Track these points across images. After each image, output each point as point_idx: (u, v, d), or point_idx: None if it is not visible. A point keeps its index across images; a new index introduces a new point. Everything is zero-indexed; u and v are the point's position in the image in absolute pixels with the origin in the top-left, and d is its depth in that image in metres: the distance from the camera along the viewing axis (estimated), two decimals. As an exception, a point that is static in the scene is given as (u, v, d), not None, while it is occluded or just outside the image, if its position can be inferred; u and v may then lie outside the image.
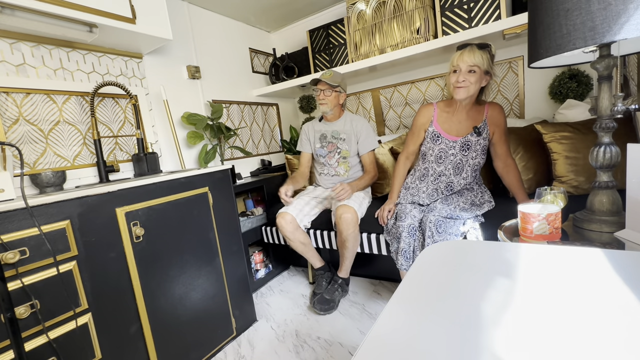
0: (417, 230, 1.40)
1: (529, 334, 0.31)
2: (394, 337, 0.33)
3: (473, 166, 1.46)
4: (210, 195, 1.43)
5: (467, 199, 1.45)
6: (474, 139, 1.43)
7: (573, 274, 0.40)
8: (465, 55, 1.31)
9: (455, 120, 1.47)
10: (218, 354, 1.47)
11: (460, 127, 1.46)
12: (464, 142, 1.44)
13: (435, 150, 1.50)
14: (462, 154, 1.45)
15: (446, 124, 1.48)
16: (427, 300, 0.39)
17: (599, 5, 0.66)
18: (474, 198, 1.47)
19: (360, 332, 1.50)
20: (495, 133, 1.44)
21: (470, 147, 1.44)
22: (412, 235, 1.39)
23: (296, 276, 2.22)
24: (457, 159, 1.46)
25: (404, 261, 1.39)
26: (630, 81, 1.36)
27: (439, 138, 1.48)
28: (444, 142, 1.47)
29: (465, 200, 1.44)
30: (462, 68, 1.32)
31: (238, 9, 2.24)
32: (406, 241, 1.39)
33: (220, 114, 2.01)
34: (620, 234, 0.77)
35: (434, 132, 1.49)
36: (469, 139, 1.43)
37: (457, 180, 1.47)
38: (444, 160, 1.48)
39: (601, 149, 0.82)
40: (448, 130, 1.48)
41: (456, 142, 1.45)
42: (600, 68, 0.79)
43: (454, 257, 0.50)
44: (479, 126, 1.42)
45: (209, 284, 1.41)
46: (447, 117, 1.49)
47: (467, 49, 1.31)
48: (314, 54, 2.31)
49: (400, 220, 1.43)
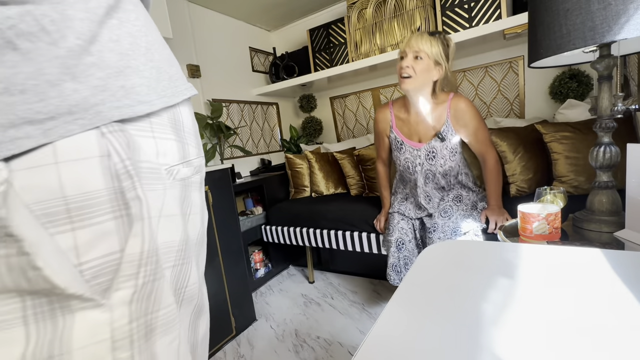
0: (407, 242, 1.36)
1: (529, 334, 0.31)
2: (394, 337, 0.33)
3: (443, 173, 1.33)
4: (210, 195, 1.43)
5: (467, 204, 1.35)
6: (439, 145, 1.28)
7: (573, 274, 0.40)
8: (412, 39, 1.19)
9: (413, 122, 1.33)
10: (217, 353, 1.47)
11: (421, 131, 1.32)
12: (429, 149, 1.30)
13: (402, 160, 1.38)
14: (429, 162, 1.31)
15: (405, 127, 1.35)
16: (427, 300, 0.39)
17: (599, 5, 0.66)
18: (471, 198, 1.37)
19: (360, 332, 1.50)
20: (462, 135, 1.29)
21: (436, 155, 1.30)
22: (401, 250, 1.35)
23: (296, 276, 2.23)
24: (424, 169, 1.33)
25: (395, 275, 1.38)
26: (630, 81, 1.36)
27: (402, 146, 1.36)
28: (408, 150, 1.34)
29: (464, 207, 1.34)
30: (408, 54, 1.20)
31: (238, 7, 2.24)
32: (395, 256, 1.36)
33: (220, 113, 2.01)
34: (619, 234, 0.77)
35: (396, 138, 1.37)
36: (433, 146, 1.29)
37: (431, 189, 1.36)
38: (412, 170, 1.36)
39: (601, 149, 0.82)
40: (409, 135, 1.35)
41: (420, 149, 1.32)
42: (600, 68, 0.79)
43: (454, 257, 0.50)
44: (441, 131, 1.27)
45: (209, 283, 1.41)
46: (405, 120, 1.35)
47: (415, 34, 1.20)
48: (314, 53, 2.31)
49: (388, 233, 1.39)
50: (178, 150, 0.43)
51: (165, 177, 0.41)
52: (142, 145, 0.38)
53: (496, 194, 1.31)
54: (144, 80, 0.38)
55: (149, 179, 0.38)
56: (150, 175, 0.38)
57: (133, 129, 0.37)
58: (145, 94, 0.38)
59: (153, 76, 0.39)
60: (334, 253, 2.17)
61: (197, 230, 0.49)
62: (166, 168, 0.41)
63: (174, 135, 0.43)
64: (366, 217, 1.67)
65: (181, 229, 0.43)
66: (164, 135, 0.41)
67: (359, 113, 2.59)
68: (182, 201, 0.45)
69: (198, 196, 0.50)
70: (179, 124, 0.44)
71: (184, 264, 0.44)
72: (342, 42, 2.17)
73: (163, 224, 0.39)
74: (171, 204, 0.41)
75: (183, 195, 0.45)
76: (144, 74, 0.38)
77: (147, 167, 0.38)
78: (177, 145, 0.43)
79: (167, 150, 0.41)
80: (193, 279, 0.46)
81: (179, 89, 0.44)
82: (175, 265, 0.42)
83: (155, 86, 0.39)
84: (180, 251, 0.42)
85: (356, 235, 1.71)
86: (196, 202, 0.49)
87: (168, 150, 0.42)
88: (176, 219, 0.42)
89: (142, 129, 0.38)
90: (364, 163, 1.97)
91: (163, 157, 0.41)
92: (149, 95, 0.38)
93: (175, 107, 0.43)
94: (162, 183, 0.40)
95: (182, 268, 0.43)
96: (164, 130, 0.41)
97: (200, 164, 0.49)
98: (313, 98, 2.76)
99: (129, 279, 0.33)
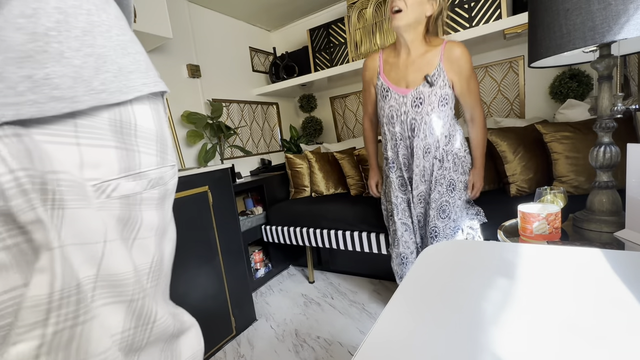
0: (409, 254, 1.36)
1: (529, 333, 0.31)
2: (394, 337, 0.33)
3: (430, 123, 1.19)
4: (210, 194, 1.43)
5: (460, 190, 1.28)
6: (427, 91, 1.17)
7: (573, 274, 0.40)
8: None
9: (402, 66, 1.22)
10: (217, 353, 1.47)
11: (409, 76, 1.21)
12: (416, 96, 1.19)
13: (386, 109, 1.26)
14: (415, 110, 1.19)
15: (393, 72, 1.25)
16: (428, 300, 0.39)
17: (599, 5, 0.66)
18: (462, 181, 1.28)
19: (360, 332, 1.50)
20: (456, 82, 1.18)
21: (423, 102, 1.18)
22: (406, 264, 1.36)
23: (296, 275, 2.23)
24: (409, 118, 1.21)
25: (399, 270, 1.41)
26: (630, 81, 1.36)
27: (388, 93, 1.25)
28: (394, 97, 1.23)
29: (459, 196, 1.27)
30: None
31: (238, 7, 2.24)
32: (399, 274, 1.39)
33: (220, 113, 2.01)
34: (619, 234, 0.77)
35: (382, 85, 1.27)
36: (421, 91, 1.18)
37: (417, 144, 1.22)
38: (396, 120, 1.24)
39: (601, 149, 0.82)
40: (396, 81, 1.24)
41: (406, 96, 1.20)
42: (600, 68, 0.79)
43: (454, 257, 0.50)
44: (430, 74, 1.16)
45: (209, 283, 1.41)
46: (393, 65, 1.25)
47: None
48: (314, 53, 2.31)
49: (394, 243, 1.38)
50: (119, 161, 0.35)
51: (92, 194, 0.33)
52: (55, 155, 0.30)
53: (482, 154, 1.29)
54: (70, 70, 0.30)
55: (65, 196, 0.30)
56: (68, 192, 0.30)
57: (40, 134, 0.29)
58: (69, 87, 0.30)
59: (89, 65, 0.31)
60: (334, 253, 2.17)
61: (150, 257, 0.41)
62: (95, 184, 0.33)
63: (114, 142, 0.35)
64: (366, 217, 1.67)
65: (126, 257, 0.36)
66: (96, 142, 0.33)
67: (359, 113, 2.59)
68: (123, 224, 0.37)
69: (155, 215, 0.41)
70: (127, 128, 0.36)
71: (145, 297, 0.37)
72: (342, 42, 2.17)
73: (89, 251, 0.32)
74: (101, 227, 0.33)
75: (125, 217, 0.37)
76: (73, 61, 0.30)
77: (63, 181, 0.30)
78: (118, 155, 0.35)
79: (98, 161, 0.33)
80: (162, 312, 0.40)
81: (132, 83, 0.36)
82: (132, 300, 0.35)
83: (90, 78, 0.31)
84: (135, 283, 0.36)
85: (356, 235, 1.71)
86: (149, 224, 0.40)
87: (101, 161, 0.34)
88: (112, 246, 0.34)
89: (57, 133, 0.30)
90: (364, 163, 1.97)
91: (91, 169, 0.33)
92: (74, 89, 0.30)
93: (123, 105, 0.35)
94: (87, 202, 0.32)
95: (144, 302, 0.37)
96: (97, 135, 0.33)
97: (160, 176, 0.41)
98: (313, 98, 2.76)
99: (33, 328, 0.26)
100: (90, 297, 0.31)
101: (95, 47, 0.32)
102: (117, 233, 0.36)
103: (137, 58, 0.38)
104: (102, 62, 0.33)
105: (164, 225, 0.43)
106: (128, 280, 0.35)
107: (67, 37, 0.30)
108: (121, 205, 0.36)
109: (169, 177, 0.43)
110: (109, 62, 0.33)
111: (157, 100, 0.42)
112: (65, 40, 0.30)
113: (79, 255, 0.31)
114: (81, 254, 0.31)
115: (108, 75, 0.33)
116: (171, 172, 0.44)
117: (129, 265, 0.35)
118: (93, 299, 0.32)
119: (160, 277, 0.43)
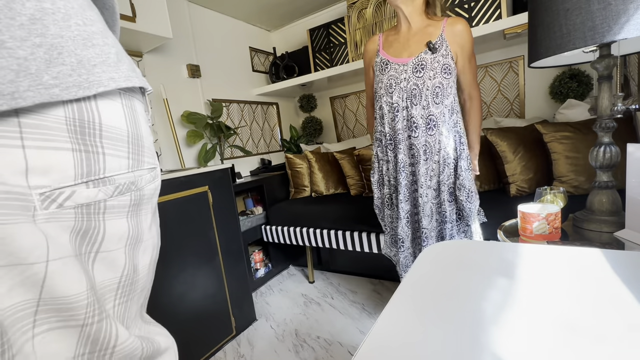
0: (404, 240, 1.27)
1: (529, 333, 0.31)
2: (394, 337, 0.33)
3: (433, 89, 1.12)
4: (210, 194, 1.43)
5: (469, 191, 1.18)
6: (429, 57, 1.12)
7: (573, 274, 0.40)
8: None
9: (403, 40, 1.20)
10: (217, 353, 1.47)
11: (411, 47, 1.17)
12: (417, 62, 1.14)
13: (384, 80, 1.20)
14: (416, 75, 1.13)
15: (393, 48, 1.22)
16: (428, 300, 0.39)
17: (599, 5, 0.66)
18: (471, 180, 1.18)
19: (360, 332, 1.50)
20: (458, 56, 1.15)
21: (425, 67, 1.13)
22: (408, 265, 1.30)
23: (296, 275, 2.23)
24: (410, 84, 1.14)
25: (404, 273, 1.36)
26: (630, 81, 1.36)
27: (387, 65, 1.20)
28: (393, 67, 1.18)
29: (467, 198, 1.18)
30: None
31: (238, 7, 2.24)
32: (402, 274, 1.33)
33: (220, 113, 2.01)
34: (619, 234, 0.77)
35: (381, 60, 1.22)
36: (423, 58, 1.13)
37: (418, 112, 1.14)
38: (395, 87, 1.17)
39: (601, 149, 0.82)
40: (396, 53, 1.20)
41: (407, 64, 1.15)
42: (600, 68, 0.79)
43: (454, 257, 0.50)
44: (434, 41, 1.13)
45: (209, 283, 1.41)
46: (393, 41, 1.22)
47: None
48: (314, 53, 2.31)
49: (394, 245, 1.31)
50: (75, 165, 0.31)
51: (36, 205, 0.29)
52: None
53: (477, 136, 1.25)
54: (12, 62, 0.26)
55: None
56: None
57: None
58: (9, 81, 0.26)
59: (37, 57, 0.28)
60: (334, 253, 2.17)
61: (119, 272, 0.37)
62: (43, 192, 0.29)
63: (69, 143, 0.31)
64: (366, 217, 1.67)
65: (77, 277, 0.31)
66: (45, 144, 0.29)
67: (359, 113, 2.59)
68: (80, 237, 0.33)
69: (124, 225, 0.37)
70: (88, 127, 0.32)
71: (103, 319, 0.34)
72: (342, 42, 2.17)
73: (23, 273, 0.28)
74: (43, 244, 0.29)
75: (82, 228, 0.33)
76: (16, 52, 0.26)
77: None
78: (76, 157, 0.31)
79: (48, 166, 0.29)
80: (124, 336, 0.36)
81: (95, 77, 0.32)
82: (85, 325, 0.32)
83: (38, 72, 0.28)
84: (88, 305, 0.32)
85: (356, 235, 1.71)
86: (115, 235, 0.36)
87: (51, 166, 0.30)
88: (59, 265, 0.30)
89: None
90: (364, 163, 1.97)
91: (38, 175, 0.29)
92: (15, 83, 0.26)
93: (83, 102, 0.31)
94: (23, 216, 0.28)
95: (100, 326, 0.33)
96: (47, 137, 0.29)
97: (132, 181, 0.37)
98: (313, 98, 2.76)
99: None
100: (26, 324, 0.28)
101: (46, 37, 0.28)
102: (69, 249, 0.31)
103: (105, 50, 0.34)
104: (56, 53, 0.29)
105: (138, 234, 0.39)
106: (79, 302, 0.31)
107: (9, 25, 0.26)
108: (77, 216, 0.32)
109: (145, 182, 0.39)
110: (65, 53, 0.29)
111: (132, 96, 0.38)
112: (5, 29, 0.26)
113: (8, 280, 0.27)
114: (11, 278, 0.27)
115: (63, 68, 0.29)
116: (149, 176, 0.39)
117: (80, 286, 0.31)
118: (35, 324, 0.29)
119: (133, 292, 0.39)
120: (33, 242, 0.28)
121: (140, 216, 0.39)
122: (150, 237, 0.43)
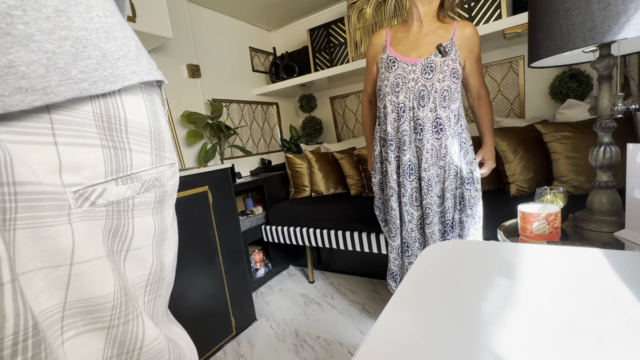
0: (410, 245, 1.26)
1: (529, 334, 0.31)
2: (394, 337, 0.33)
3: (441, 92, 1.11)
4: (210, 194, 1.43)
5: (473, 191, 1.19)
6: (439, 60, 1.12)
7: (573, 274, 0.40)
8: None
9: (413, 39, 1.17)
10: (217, 353, 1.47)
11: (420, 47, 1.15)
12: (427, 64, 1.12)
13: (391, 79, 1.17)
14: (425, 77, 1.12)
15: (401, 45, 1.19)
16: (428, 300, 0.39)
17: (599, 5, 0.66)
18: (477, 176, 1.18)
19: (360, 332, 1.50)
20: (467, 59, 1.16)
21: (434, 69, 1.12)
22: (401, 257, 1.29)
23: (296, 275, 2.23)
24: (418, 84, 1.13)
25: (393, 284, 1.35)
26: (630, 81, 1.36)
27: (394, 63, 1.17)
28: (401, 66, 1.15)
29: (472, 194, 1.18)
30: None
31: (238, 7, 2.24)
32: (395, 262, 1.31)
33: (220, 113, 2.01)
34: (619, 233, 0.77)
35: (388, 57, 1.19)
36: (432, 60, 1.12)
37: (425, 114, 1.12)
38: (402, 87, 1.15)
39: (601, 148, 0.82)
40: (405, 52, 1.17)
41: (416, 65, 1.13)
42: (600, 68, 0.79)
43: (454, 257, 0.50)
44: (444, 45, 1.12)
45: (209, 283, 1.41)
46: (402, 38, 1.20)
47: None
48: (314, 53, 2.31)
49: (390, 237, 1.29)
50: (105, 162, 0.30)
51: (71, 203, 0.28)
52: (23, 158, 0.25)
53: (491, 131, 1.24)
54: (41, 56, 0.25)
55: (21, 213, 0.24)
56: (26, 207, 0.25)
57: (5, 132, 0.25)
58: (40, 76, 0.25)
59: (65, 50, 0.27)
60: (334, 253, 2.17)
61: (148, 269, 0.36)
62: (76, 190, 0.29)
63: (99, 140, 0.30)
64: (366, 217, 1.67)
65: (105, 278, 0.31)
66: (77, 140, 0.28)
67: (359, 113, 2.59)
68: (111, 235, 0.32)
69: (150, 222, 0.36)
70: (115, 123, 0.31)
71: (128, 321, 0.33)
72: (342, 42, 2.17)
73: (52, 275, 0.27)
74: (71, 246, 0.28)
75: (113, 227, 0.32)
76: (44, 46, 0.25)
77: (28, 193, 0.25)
78: (105, 154, 0.30)
79: (80, 163, 0.29)
80: (150, 335, 0.35)
81: (119, 71, 0.31)
82: (111, 326, 0.31)
83: (67, 66, 0.27)
84: (117, 307, 0.31)
85: (356, 235, 1.71)
86: (143, 232, 0.35)
87: (83, 163, 0.29)
88: (98, 265, 0.29)
89: (28, 131, 0.26)
90: (364, 163, 1.97)
91: (72, 173, 0.28)
92: (47, 78, 0.25)
93: (109, 97, 0.31)
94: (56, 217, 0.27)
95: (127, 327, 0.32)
96: (78, 133, 0.28)
97: (156, 177, 0.36)
98: (313, 98, 2.76)
99: None
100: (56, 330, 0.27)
101: (71, 30, 0.27)
102: (102, 248, 0.31)
103: (126, 43, 0.33)
104: (81, 47, 0.28)
105: (163, 231, 0.38)
106: (106, 304, 0.31)
107: (36, 18, 0.25)
108: (108, 214, 0.31)
109: (167, 178, 0.38)
110: (90, 47, 0.29)
111: (152, 91, 0.37)
112: (32, 22, 0.25)
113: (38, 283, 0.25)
114: (53, 280, 0.26)
115: (90, 62, 0.28)
116: (170, 172, 0.39)
117: (109, 287, 0.31)
118: (63, 330, 0.28)
119: (161, 289, 0.39)
120: (71, 242, 0.28)
121: (164, 212, 0.39)
122: (173, 233, 0.42)
